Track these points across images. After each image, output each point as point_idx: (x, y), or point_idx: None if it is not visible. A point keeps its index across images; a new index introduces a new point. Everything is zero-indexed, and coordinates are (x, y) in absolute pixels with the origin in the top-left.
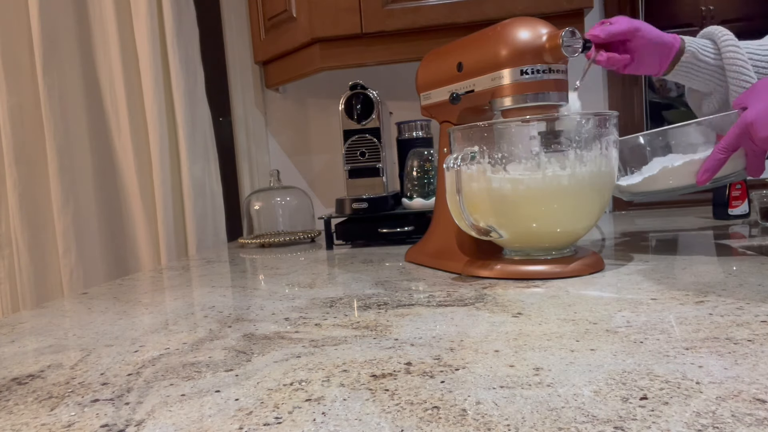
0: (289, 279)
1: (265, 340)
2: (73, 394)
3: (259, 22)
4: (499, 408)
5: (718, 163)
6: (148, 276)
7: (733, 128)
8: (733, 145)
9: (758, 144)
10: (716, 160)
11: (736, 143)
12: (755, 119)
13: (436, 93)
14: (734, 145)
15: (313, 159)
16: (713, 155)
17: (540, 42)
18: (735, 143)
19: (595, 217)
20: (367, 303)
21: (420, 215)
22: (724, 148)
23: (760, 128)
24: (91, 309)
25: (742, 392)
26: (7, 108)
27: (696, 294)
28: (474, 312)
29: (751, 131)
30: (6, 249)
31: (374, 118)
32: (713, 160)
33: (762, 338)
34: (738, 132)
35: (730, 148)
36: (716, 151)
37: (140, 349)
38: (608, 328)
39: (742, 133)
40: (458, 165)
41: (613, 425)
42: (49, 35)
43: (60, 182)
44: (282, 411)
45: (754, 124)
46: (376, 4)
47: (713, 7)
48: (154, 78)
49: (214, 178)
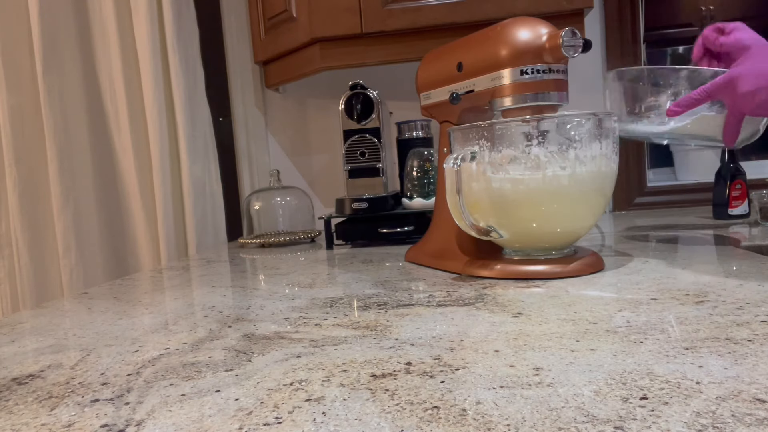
0: (289, 279)
1: (265, 340)
2: (73, 394)
3: (259, 22)
4: (499, 408)
5: (693, 102)
6: (148, 276)
7: (720, 77)
8: (714, 93)
9: (738, 100)
10: (692, 99)
11: (717, 92)
12: (741, 73)
13: (436, 93)
14: (715, 93)
15: (313, 159)
16: (691, 93)
17: (540, 42)
18: (716, 92)
19: (595, 217)
20: (367, 303)
21: (420, 215)
22: (704, 90)
23: (744, 83)
24: (91, 309)
25: (742, 392)
26: (7, 108)
27: (696, 294)
28: (474, 312)
29: (736, 84)
30: (6, 249)
31: (374, 118)
32: (689, 97)
33: (762, 338)
34: (722, 82)
35: (709, 93)
36: (696, 91)
37: (140, 349)
38: (608, 328)
39: (726, 85)
40: (458, 165)
41: (613, 425)
42: (49, 35)
43: (60, 182)
44: (282, 411)
45: (740, 77)
46: (376, 4)
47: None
48: (154, 78)
49: (214, 178)
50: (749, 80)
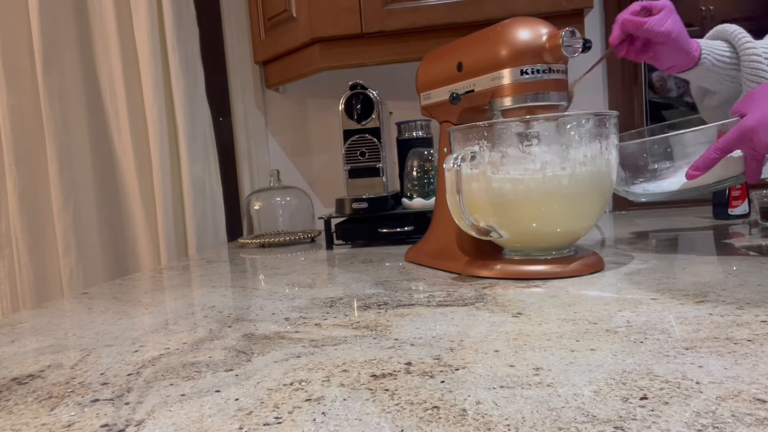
0: (289, 279)
1: (265, 340)
2: (73, 394)
3: (259, 22)
4: (499, 408)
5: (710, 162)
6: (148, 276)
7: (732, 131)
8: (730, 148)
9: (758, 150)
10: (709, 159)
11: (733, 146)
12: (756, 125)
13: (436, 93)
14: (731, 148)
15: (313, 159)
16: (707, 153)
17: (540, 42)
18: (732, 146)
19: (595, 217)
20: (367, 303)
21: (420, 215)
22: (720, 149)
23: (762, 134)
24: (91, 309)
25: (742, 392)
26: (7, 108)
27: (696, 294)
28: (474, 312)
29: (753, 136)
30: (6, 249)
31: (374, 118)
32: (705, 158)
33: (762, 338)
34: (737, 136)
35: (726, 149)
36: (711, 150)
37: (140, 349)
38: (608, 328)
39: (742, 138)
40: (458, 165)
41: (613, 425)
42: (49, 35)
43: (60, 182)
44: (282, 411)
45: (756, 129)
46: (376, 4)
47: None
48: (154, 78)
49: (214, 178)
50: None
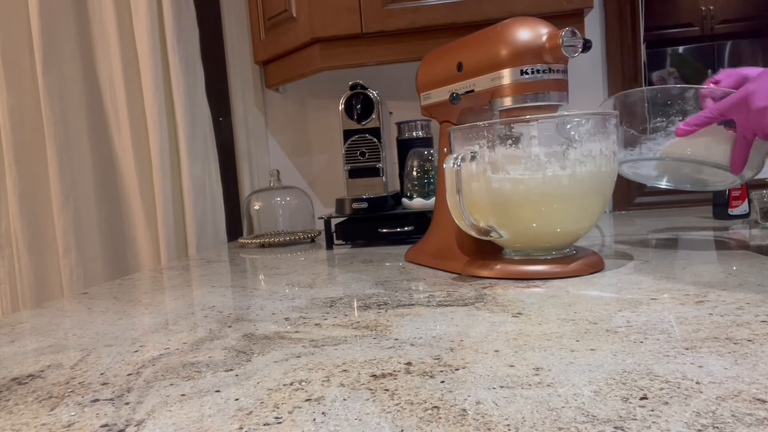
0: (289, 279)
1: (265, 340)
2: (73, 394)
3: (259, 22)
4: (499, 408)
5: (703, 121)
6: (148, 276)
7: (733, 95)
8: (727, 111)
9: (752, 116)
10: (702, 117)
11: (729, 110)
12: (756, 89)
13: (436, 93)
14: (727, 111)
15: (313, 159)
16: (701, 113)
17: (540, 42)
18: (729, 110)
19: (595, 217)
20: (367, 303)
21: (420, 215)
22: (716, 108)
23: (758, 98)
24: (91, 309)
25: (742, 392)
26: (7, 108)
27: (696, 294)
28: (474, 312)
29: (749, 100)
30: (6, 249)
31: (374, 118)
32: (699, 116)
33: (762, 338)
34: (735, 100)
35: (722, 111)
36: (707, 110)
37: (140, 349)
38: (608, 328)
39: (740, 102)
40: (458, 165)
41: (613, 425)
42: (49, 35)
43: (60, 182)
44: (282, 411)
45: (753, 93)
46: (376, 4)
47: (713, 7)
48: (154, 78)
49: (214, 178)
50: (763, 96)
